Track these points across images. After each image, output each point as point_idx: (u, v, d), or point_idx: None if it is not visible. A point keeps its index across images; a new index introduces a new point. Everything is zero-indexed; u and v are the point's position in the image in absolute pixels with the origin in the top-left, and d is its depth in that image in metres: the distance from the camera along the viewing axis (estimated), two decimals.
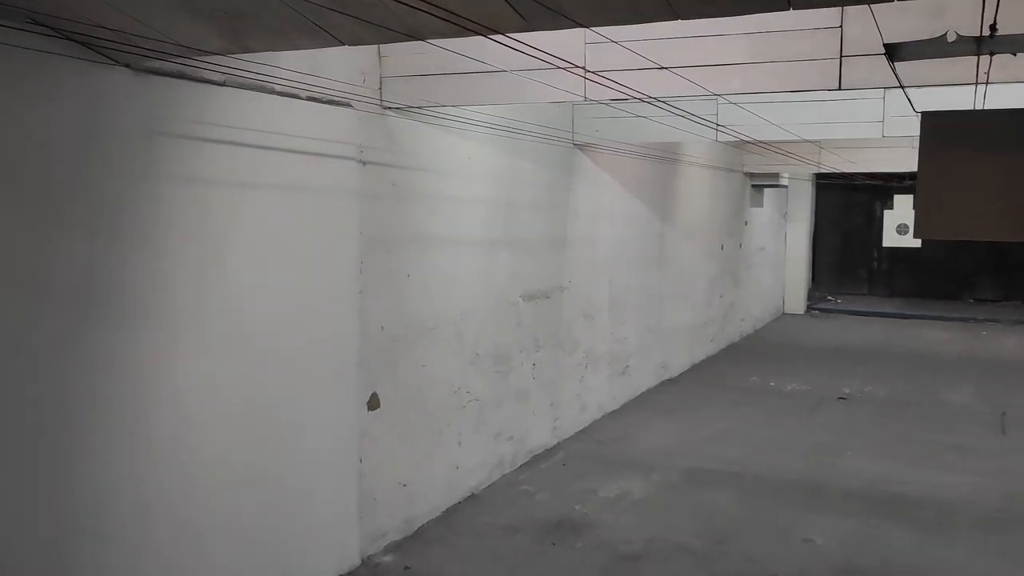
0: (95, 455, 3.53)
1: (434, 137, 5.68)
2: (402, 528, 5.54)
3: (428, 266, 5.67)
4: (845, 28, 4.07)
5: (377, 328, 5.20)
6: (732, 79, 4.35)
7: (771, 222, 16.13)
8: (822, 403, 9.54)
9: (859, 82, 4.11)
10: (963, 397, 9.97)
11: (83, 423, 3.48)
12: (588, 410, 8.29)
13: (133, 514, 3.71)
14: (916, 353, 13.16)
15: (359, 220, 5.01)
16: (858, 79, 4.10)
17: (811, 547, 5.51)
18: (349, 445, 5.04)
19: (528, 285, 7.00)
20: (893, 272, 19.85)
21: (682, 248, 10.87)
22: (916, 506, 6.27)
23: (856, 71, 4.08)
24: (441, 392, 5.90)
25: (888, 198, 16.42)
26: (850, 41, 4.07)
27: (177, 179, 3.84)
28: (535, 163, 7.04)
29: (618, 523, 5.88)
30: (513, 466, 6.92)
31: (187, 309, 3.90)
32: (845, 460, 7.38)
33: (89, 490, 3.52)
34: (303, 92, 4.50)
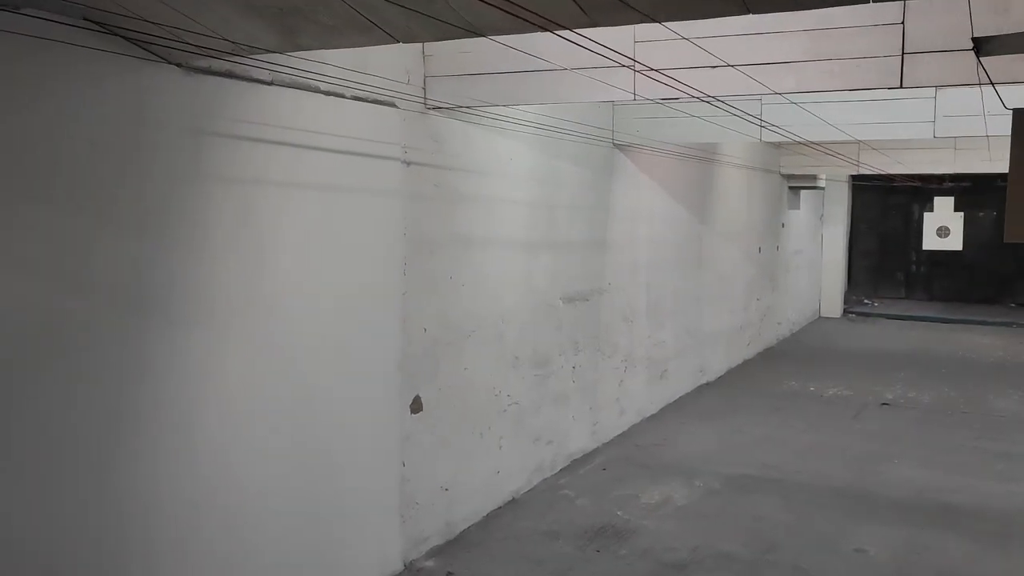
0: (143, 455, 3.50)
1: (476, 137, 5.62)
2: (443, 532, 5.48)
3: (470, 268, 5.60)
4: (907, 25, 3.95)
5: (420, 330, 5.14)
6: (787, 77, 4.24)
7: (808, 224, 15.91)
8: (864, 409, 9.36)
9: (922, 80, 3.99)
10: (1009, 404, 9.73)
11: (132, 423, 3.45)
12: (627, 414, 8.19)
13: (180, 513, 3.68)
14: (958, 358, 12.89)
15: (403, 221, 4.95)
16: (921, 77, 3.97)
17: (863, 557, 5.37)
18: (392, 448, 4.98)
19: (568, 287, 6.91)
20: (932, 275, 19.50)
21: (720, 250, 10.73)
22: (968, 516, 6.10)
23: (919, 69, 3.96)
24: (482, 395, 5.83)
25: (928, 200, 16.12)
26: (912, 38, 3.95)
27: (224, 179, 3.80)
28: (575, 164, 6.96)
29: (661, 530, 5.78)
30: (553, 470, 6.83)
31: (233, 309, 3.87)
32: (891, 468, 7.22)
33: (137, 490, 3.49)
34: (348, 92, 4.46)
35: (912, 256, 19.53)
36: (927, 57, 3.92)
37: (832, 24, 4.09)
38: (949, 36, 3.83)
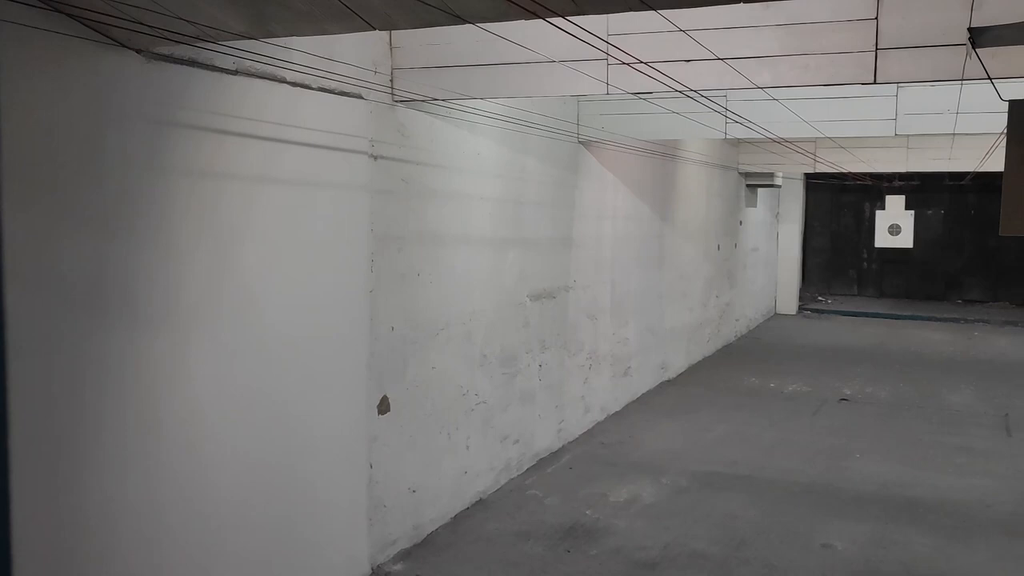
0: (106, 456, 3.34)
1: (444, 132, 5.52)
2: (411, 535, 5.37)
3: (438, 265, 5.50)
4: (880, 20, 3.94)
5: (387, 329, 5.02)
6: (761, 72, 4.21)
7: (764, 222, 16.08)
8: (824, 405, 9.45)
9: (895, 76, 3.98)
10: (964, 398, 9.92)
11: (93, 424, 3.29)
12: (592, 412, 8.15)
13: (144, 518, 3.53)
14: (912, 354, 13.12)
15: (370, 217, 4.83)
16: (894, 73, 3.97)
17: (831, 553, 5.39)
18: (359, 449, 4.86)
19: (535, 285, 6.84)
20: (883, 273, 19.87)
21: (681, 248, 10.76)
22: (931, 510, 6.16)
23: (892, 64, 3.95)
24: (450, 394, 5.73)
25: (879, 198, 16.39)
26: (885, 34, 3.94)
27: (188, 171, 3.65)
28: (541, 160, 6.89)
29: (631, 529, 5.74)
30: (520, 470, 6.76)
31: (198, 307, 3.72)
32: (854, 463, 7.28)
33: (100, 492, 3.33)
34: (315, 82, 4.33)
35: (864, 254, 19.89)
36: (900, 53, 3.92)
37: (806, 19, 4.07)
38: (923, 32, 3.83)
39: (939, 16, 3.76)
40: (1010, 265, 18.73)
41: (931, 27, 3.77)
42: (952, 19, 3.68)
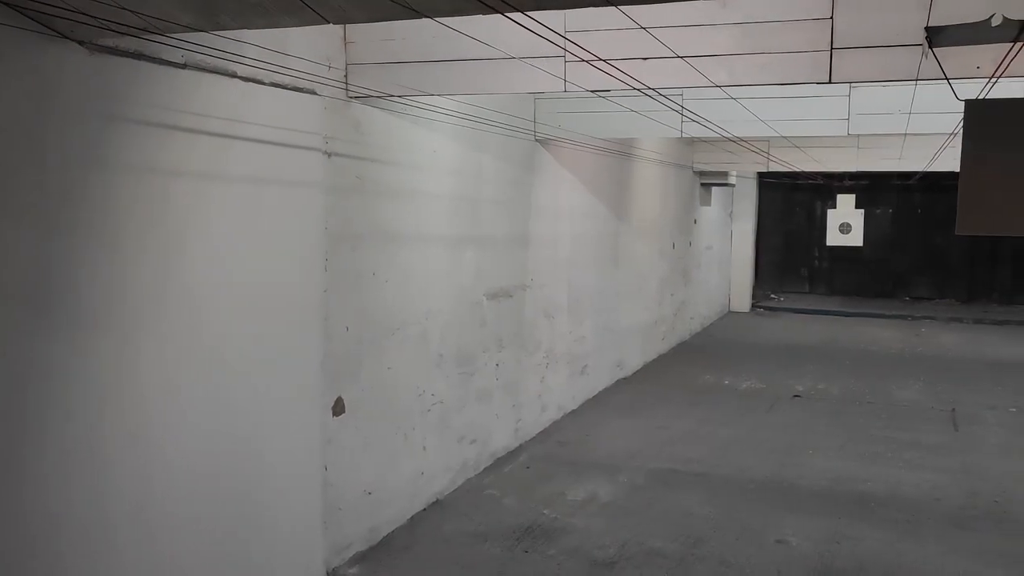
0: (49, 463, 3.22)
1: (400, 129, 5.44)
2: (367, 538, 5.29)
3: (394, 264, 5.42)
4: (835, 19, 3.97)
5: (342, 329, 4.94)
6: (719, 71, 4.21)
7: (718, 221, 16.24)
8: (778, 402, 9.56)
9: (849, 75, 4.02)
10: (912, 394, 10.11)
11: (35, 432, 3.16)
12: (548, 410, 8.13)
13: (90, 524, 3.41)
14: (861, 350, 13.35)
15: (324, 215, 4.74)
16: (849, 72, 4.00)
17: (786, 549, 5.44)
18: (314, 451, 4.77)
19: (492, 284, 6.80)
20: (833, 270, 20.20)
21: (636, 247, 10.80)
22: (883, 504, 6.26)
23: (847, 64, 3.99)
24: (406, 395, 5.66)
25: (830, 197, 16.65)
26: (840, 34, 3.97)
27: (134, 168, 3.53)
28: (498, 158, 6.84)
29: (589, 528, 5.72)
30: (477, 470, 6.71)
31: (145, 307, 3.60)
32: (808, 459, 7.37)
33: (43, 500, 3.21)
34: (267, 78, 4.22)
35: (815, 252, 20.20)
36: (855, 52, 3.96)
37: (762, 18, 4.09)
38: (877, 31, 3.87)
39: (894, 16, 3.79)
40: (955, 263, 19.18)
41: (886, 27, 3.81)
42: (907, 19, 3.72)
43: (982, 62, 3.74)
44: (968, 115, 3.36)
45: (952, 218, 3.60)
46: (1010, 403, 9.61)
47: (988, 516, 6.07)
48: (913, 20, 3.75)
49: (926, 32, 3.22)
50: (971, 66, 3.75)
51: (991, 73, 3.53)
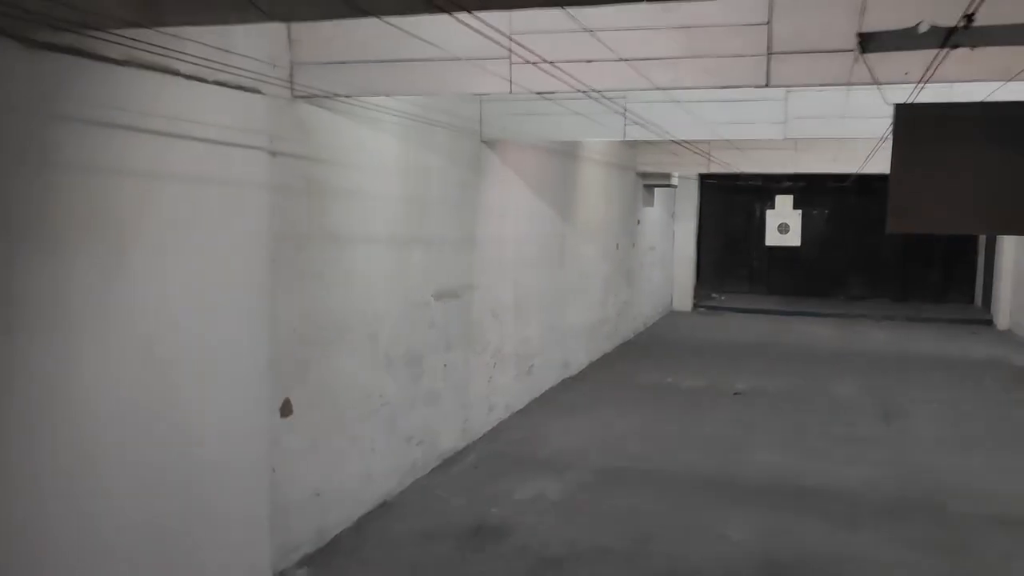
0: None
1: (345, 128, 5.42)
2: (315, 540, 5.25)
3: (341, 264, 5.39)
4: (773, 25, 4.08)
5: (289, 330, 4.90)
6: (663, 74, 4.29)
7: (660, 221, 16.46)
8: (720, 399, 9.74)
9: (787, 80, 4.13)
10: (848, 390, 10.39)
11: None
12: (496, 410, 8.16)
13: (28, 529, 3.32)
14: (799, 348, 13.68)
15: (269, 215, 4.69)
16: (786, 77, 4.12)
17: (731, 543, 5.55)
18: (261, 454, 4.72)
19: (440, 285, 6.80)
20: (772, 270, 20.64)
21: (581, 247, 10.90)
22: (821, 497, 6.43)
23: (784, 68, 4.10)
24: (354, 396, 5.63)
25: (769, 198, 17.02)
26: (778, 39, 4.08)
27: (74, 167, 3.46)
28: (444, 159, 6.85)
29: (537, 526, 5.77)
30: (425, 470, 6.70)
31: (86, 308, 3.53)
32: (750, 455, 7.53)
33: None
34: (210, 75, 4.17)
35: (755, 252, 20.61)
36: (792, 57, 4.07)
37: (704, 22, 4.18)
38: (813, 37, 3.99)
39: (828, 22, 3.91)
40: (888, 262, 19.77)
41: (821, 33, 3.93)
42: (840, 26, 3.84)
43: (911, 67, 3.89)
44: (897, 119, 3.50)
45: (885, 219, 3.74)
46: (939, 397, 9.95)
47: (921, 507, 6.28)
48: (846, 26, 3.88)
49: (858, 38, 3.33)
50: (900, 71, 3.89)
51: (919, 78, 3.67)
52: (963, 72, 3.63)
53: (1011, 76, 3.55)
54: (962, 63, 3.54)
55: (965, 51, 3.30)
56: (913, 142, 3.39)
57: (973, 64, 3.56)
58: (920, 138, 3.39)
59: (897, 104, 3.54)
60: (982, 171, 3.31)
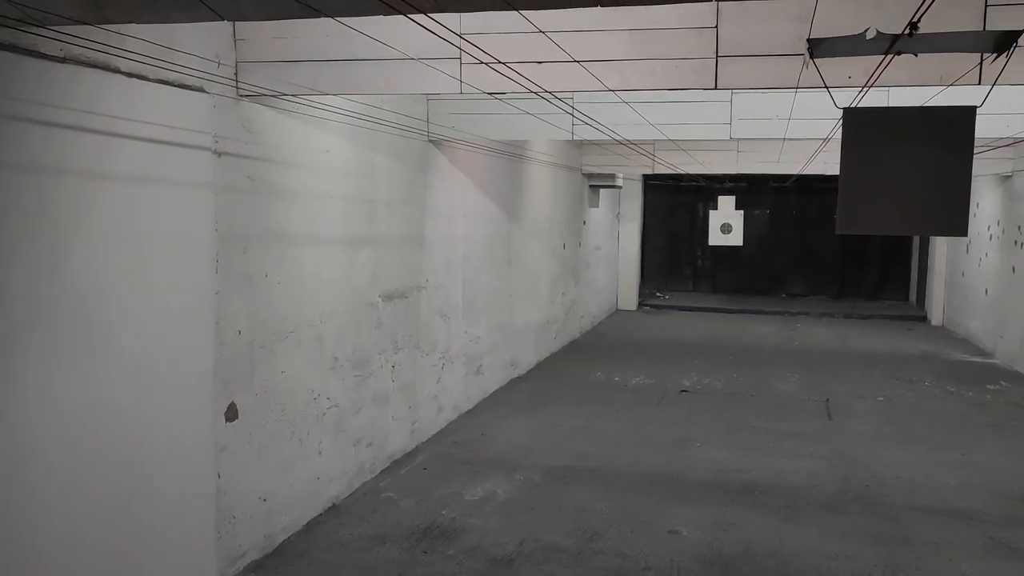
0: None
1: (292, 128, 5.34)
2: (262, 546, 5.18)
3: (287, 266, 5.32)
4: (720, 29, 4.15)
5: (234, 333, 4.81)
6: (611, 75, 4.33)
7: (606, 222, 16.61)
8: (666, 396, 9.86)
9: (734, 82, 4.21)
10: (789, 387, 10.61)
11: None
12: (445, 411, 8.14)
13: None
14: (743, 345, 13.92)
15: (214, 216, 4.61)
16: (733, 79, 4.19)
17: (678, 539, 5.63)
18: (206, 459, 4.63)
19: (387, 285, 6.75)
20: (715, 269, 20.99)
21: (529, 247, 10.93)
22: (766, 492, 6.55)
23: (732, 71, 4.17)
24: (301, 399, 5.56)
25: (712, 199, 17.29)
26: (725, 42, 4.15)
27: (11, 166, 3.35)
28: (391, 158, 6.80)
29: (487, 526, 5.77)
30: (373, 473, 6.65)
31: (25, 311, 3.42)
32: (696, 451, 7.64)
33: None
34: (152, 73, 4.08)
35: (698, 251, 20.94)
36: (739, 60, 4.14)
37: (652, 25, 4.22)
38: (760, 41, 4.06)
39: (774, 27, 3.99)
40: (827, 261, 20.25)
41: (768, 37, 4.00)
42: (786, 30, 3.92)
43: (853, 72, 3.99)
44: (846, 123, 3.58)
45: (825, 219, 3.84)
46: (877, 392, 10.23)
47: (860, 500, 6.44)
48: (793, 31, 3.96)
49: (808, 44, 3.40)
50: (843, 76, 3.99)
51: (862, 83, 3.76)
52: (903, 77, 3.74)
53: (949, 82, 3.66)
54: (902, 68, 3.65)
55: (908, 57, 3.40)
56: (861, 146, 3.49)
57: (913, 70, 3.67)
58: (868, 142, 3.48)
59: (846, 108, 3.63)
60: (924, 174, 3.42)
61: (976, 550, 5.52)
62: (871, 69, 3.58)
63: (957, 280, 15.64)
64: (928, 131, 3.45)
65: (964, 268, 15.08)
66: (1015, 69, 3.55)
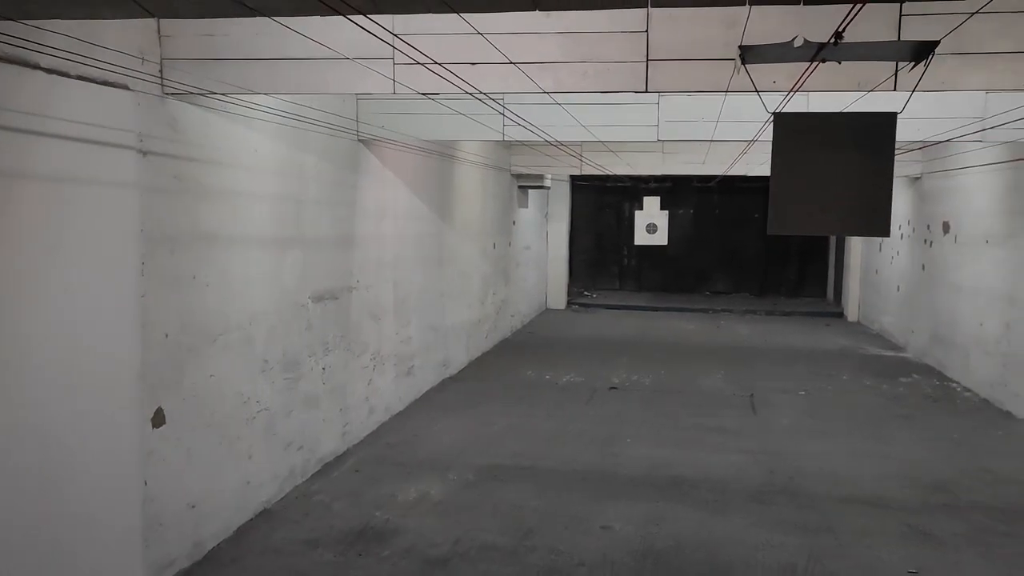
0: None
1: (220, 127, 5.24)
2: (191, 553, 5.06)
3: (215, 267, 5.21)
4: (651, 33, 4.23)
5: (161, 336, 4.70)
6: (544, 77, 4.38)
7: (535, 222, 16.72)
8: (596, 394, 9.99)
9: (664, 85, 4.30)
10: (714, 382, 10.86)
11: None
12: (376, 413, 8.08)
13: None
14: (668, 343, 14.19)
15: (139, 216, 4.49)
16: (663, 83, 4.28)
17: (610, 534, 5.71)
18: (132, 466, 4.51)
19: (317, 286, 6.68)
20: (641, 268, 21.35)
21: (460, 247, 10.93)
22: (695, 486, 6.70)
23: (662, 75, 4.26)
24: (230, 403, 5.46)
25: (637, 199, 17.57)
26: (656, 46, 4.23)
27: None
28: (321, 158, 6.73)
29: (422, 527, 5.76)
30: (305, 476, 6.57)
31: None
32: (626, 447, 7.76)
33: None
34: (73, 69, 3.95)
35: (624, 251, 21.27)
36: (669, 64, 4.23)
37: (586, 28, 4.29)
38: (689, 46, 4.16)
39: (703, 32, 4.10)
40: (749, 259, 20.80)
41: (697, 42, 4.10)
42: (714, 36, 4.03)
43: (778, 78, 4.12)
44: (776, 127, 3.70)
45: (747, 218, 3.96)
46: (799, 387, 10.56)
47: (784, 491, 6.65)
48: (720, 37, 4.07)
49: (739, 50, 3.51)
50: (769, 81, 4.12)
51: (787, 88, 3.89)
52: (824, 83, 3.88)
53: (867, 88, 3.82)
54: (823, 75, 3.79)
55: (830, 64, 3.53)
56: (791, 149, 3.61)
57: (833, 76, 3.81)
58: (797, 145, 3.61)
59: (776, 113, 3.75)
60: (849, 176, 3.57)
61: (894, 537, 5.76)
62: (796, 75, 3.71)
63: (871, 277, 16.24)
64: (853, 135, 3.60)
65: (878, 266, 15.68)
66: (931, 76, 3.73)
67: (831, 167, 3.53)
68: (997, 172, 9.77)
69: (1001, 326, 9.54)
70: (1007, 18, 3.89)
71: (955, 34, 3.76)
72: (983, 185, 10.29)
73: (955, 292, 11.17)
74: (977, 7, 3.62)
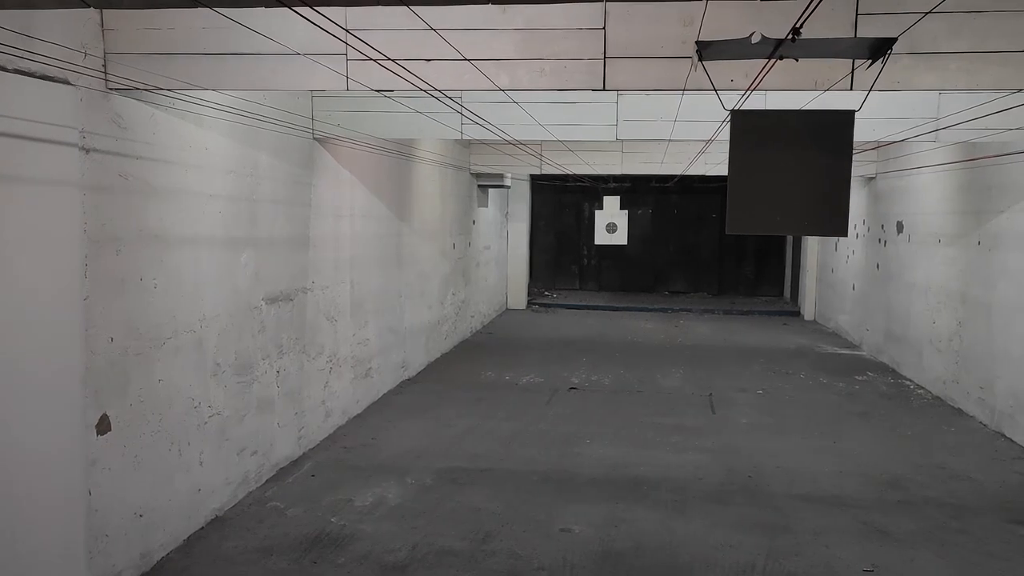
0: None
1: (167, 124, 5.09)
2: (139, 564, 4.91)
3: (163, 268, 5.06)
4: (608, 30, 4.18)
5: (106, 340, 4.54)
6: (500, 75, 4.31)
7: (495, 221, 16.65)
8: (556, 394, 9.95)
9: (622, 84, 4.25)
10: (673, 382, 10.89)
11: None
12: (333, 416, 7.95)
13: None
14: (628, 342, 14.21)
15: (82, 216, 4.33)
16: (621, 80, 4.23)
17: (570, 536, 5.66)
18: (75, 475, 4.34)
19: (271, 287, 6.53)
20: (601, 268, 21.39)
21: (419, 247, 10.82)
22: (654, 487, 6.68)
23: (620, 72, 4.21)
24: (180, 408, 5.30)
25: (597, 199, 17.59)
26: (614, 43, 4.19)
27: None
28: (275, 156, 6.58)
29: (379, 532, 5.66)
30: (259, 482, 6.42)
31: None
32: (586, 448, 7.72)
33: None
34: (9, 63, 3.79)
35: (584, 250, 21.29)
36: (627, 62, 4.19)
37: (542, 25, 4.22)
38: (647, 43, 4.12)
39: (661, 29, 4.06)
40: (707, 259, 20.95)
41: (654, 39, 4.06)
42: (673, 33, 3.99)
43: (735, 76, 4.10)
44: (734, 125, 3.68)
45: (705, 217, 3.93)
46: (757, 386, 10.62)
47: (743, 490, 6.66)
48: (679, 34, 4.03)
49: (697, 46, 3.47)
50: (726, 79, 4.09)
51: (745, 86, 3.87)
52: (781, 82, 3.87)
53: (824, 87, 3.81)
54: (781, 73, 3.77)
55: (787, 62, 3.51)
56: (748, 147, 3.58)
57: (790, 75, 3.80)
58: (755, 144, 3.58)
59: (734, 111, 3.72)
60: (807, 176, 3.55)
61: (851, 535, 5.78)
62: (753, 73, 3.69)
63: (827, 276, 16.44)
64: (811, 133, 3.59)
65: (833, 265, 15.87)
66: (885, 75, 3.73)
67: (789, 166, 3.52)
68: (950, 172, 9.93)
69: (953, 324, 9.69)
70: (960, 18, 3.90)
71: (909, 34, 3.78)
72: (936, 185, 10.45)
73: (909, 291, 11.33)
74: (931, 7, 3.62)
